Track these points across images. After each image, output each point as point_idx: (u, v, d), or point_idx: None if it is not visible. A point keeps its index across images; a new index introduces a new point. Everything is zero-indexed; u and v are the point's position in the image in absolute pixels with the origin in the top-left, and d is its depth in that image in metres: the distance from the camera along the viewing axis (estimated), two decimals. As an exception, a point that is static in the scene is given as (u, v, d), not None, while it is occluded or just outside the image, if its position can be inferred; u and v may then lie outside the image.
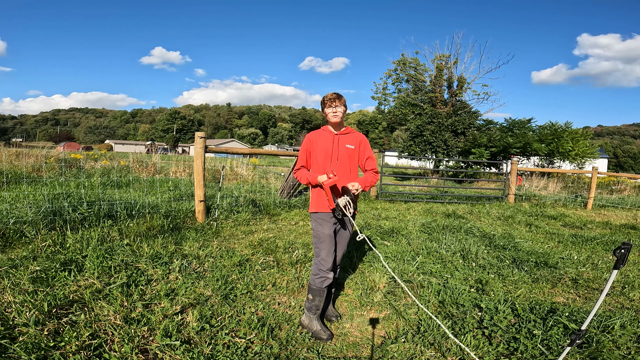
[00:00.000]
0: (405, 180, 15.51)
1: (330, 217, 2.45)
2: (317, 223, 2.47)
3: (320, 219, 2.46)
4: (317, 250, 2.46)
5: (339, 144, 2.49)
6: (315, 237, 2.48)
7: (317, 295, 2.40)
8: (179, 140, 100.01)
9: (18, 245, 3.50)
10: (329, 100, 2.43)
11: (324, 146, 2.48)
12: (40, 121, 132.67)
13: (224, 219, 5.27)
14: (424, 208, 8.03)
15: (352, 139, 2.54)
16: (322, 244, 2.43)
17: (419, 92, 22.88)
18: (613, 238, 5.41)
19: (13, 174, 7.97)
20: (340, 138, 2.50)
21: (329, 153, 2.48)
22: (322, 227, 2.45)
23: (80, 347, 1.95)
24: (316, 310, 2.42)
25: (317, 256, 2.46)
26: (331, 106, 2.43)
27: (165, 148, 52.98)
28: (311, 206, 2.54)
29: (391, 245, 4.40)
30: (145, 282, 2.85)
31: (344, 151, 2.48)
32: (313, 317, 2.42)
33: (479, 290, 3.11)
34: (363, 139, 2.59)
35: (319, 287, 2.40)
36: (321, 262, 2.43)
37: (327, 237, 2.42)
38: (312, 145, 2.52)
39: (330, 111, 2.44)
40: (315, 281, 2.43)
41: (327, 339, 2.35)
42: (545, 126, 19.53)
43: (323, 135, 2.52)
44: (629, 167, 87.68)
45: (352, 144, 2.52)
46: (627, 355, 2.16)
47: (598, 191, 13.85)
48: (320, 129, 2.59)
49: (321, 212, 2.46)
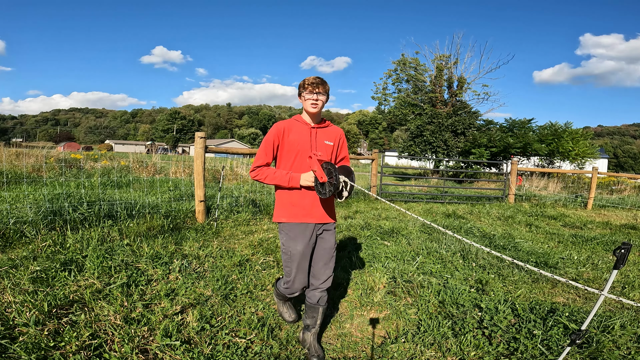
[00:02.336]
0: (405, 180, 15.51)
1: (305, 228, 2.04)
2: (288, 237, 2.03)
3: (292, 231, 2.02)
4: (287, 270, 2.08)
5: (316, 139, 2.08)
6: (285, 253, 2.06)
7: (281, 298, 2.44)
8: (179, 140, 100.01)
9: (18, 245, 3.50)
10: (310, 85, 1.99)
11: (299, 140, 2.04)
12: (40, 121, 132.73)
13: (224, 219, 5.27)
14: (424, 208, 8.03)
15: (330, 134, 2.15)
16: (293, 263, 2.04)
17: (419, 92, 22.86)
18: (613, 238, 5.41)
19: (13, 174, 7.98)
20: (318, 132, 2.09)
21: (306, 148, 2.04)
22: (295, 242, 2.01)
23: (80, 347, 1.95)
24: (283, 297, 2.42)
25: (288, 276, 2.09)
26: (313, 92, 1.99)
27: (165, 148, 52.99)
28: (278, 215, 2.07)
29: (391, 245, 4.40)
30: (146, 282, 2.85)
31: (322, 148, 2.09)
32: (280, 301, 2.48)
33: (479, 290, 3.11)
34: (342, 134, 2.23)
35: (283, 294, 2.30)
36: (293, 284, 2.09)
37: (300, 255, 2.02)
38: (283, 138, 2.04)
39: (310, 98, 2.00)
40: (281, 289, 2.24)
41: (292, 321, 2.42)
42: (546, 126, 19.52)
43: (297, 127, 2.07)
44: (629, 167, 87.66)
45: (331, 140, 2.14)
46: (627, 355, 2.16)
47: (598, 191, 13.85)
48: (291, 118, 2.13)
49: (294, 223, 2.02)
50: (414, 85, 23.16)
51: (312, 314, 2.14)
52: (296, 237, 2.03)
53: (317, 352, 2.09)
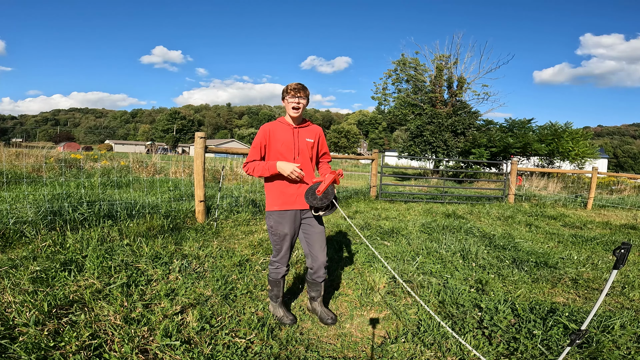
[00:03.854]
0: (405, 180, 15.51)
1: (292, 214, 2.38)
2: (277, 222, 2.38)
3: (281, 217, 2.38)
4: (278, 247, 2.44)
5: (299, 138, 2.38)
6: (274, 235, 2.42)
7: (274, 286, 2.53)
8: (179, 140, 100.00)
9: (18, 245, 3.50)
10: (292, 90, 2.29)
11: (283, 140, 2.34)
12: (40, 121, 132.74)
13: (224, 219, 5.27)
14: (424, 208, 8.03)
15: (310, 132, 2.46)
16: (283, 242, 2.41)
17: (419, 92, 22.86)
18: (613, 238, 5.41)
19: (13, 174, 7.98)
20: (300, 132, 2.40)
21: (290, 147, 2.35)
22: (283, 225, 2.38)
23: (80, 347, 1.95)
24: (276, 299, 2.55)
25: (278, 253, 2.45)
26: (295, 96, 2.29)
27: (165, 148, 53.03)
28: (270, 204, 2.41)
29: (391, 246, 4.40)
30: (145, 282, 2.85)
31: (304, 145, 2.39)
32: (276, 304, 2.57)
33: (479, 290, 3.11)
34: (320, 132, 2.53)
35: (274, 279, 2.51)
36: (281, 258, 2.46)
37: (288, 236, 2.40)
38: (269, 138, 2.35)
39: (293, 101, 2.29)
40: (271, 272, 2.52)
41: (291, 323, 2.48)
42: (545, 126, 19.52)
43: (281, 128, 2.37)
44: (629, 167, 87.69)
45: (311, 137, 2.45)
46: (627, 355, 2.16)
47: (598, 191, 13.85)
48: (276, 120, 2.44)
49: (283, 210, 2.37)
50: (414, 85, 23.16)
51: (316, 288, 2.55)
52: (284, 221, 2.38)
53: (329, 314, 2.56)
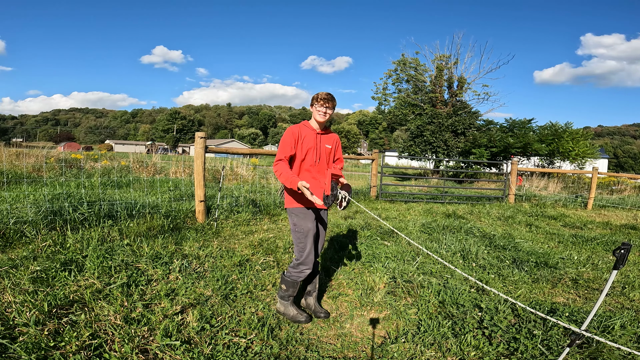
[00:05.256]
0: (405, 180, 15.50)
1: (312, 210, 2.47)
2: (299, 217, 2.47)
3: (302, 213, 2.47)
4: (302, 246, 2.46)
5: (320, 144, 2.53)
6: (298, 232, 2.46)
7: (291, 287, 2.52)
8: (179, 140, 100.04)
9: (18, 245, 3.50)
10: (322, 100, 2.44)
11: (309, 144, 2.48)
12: (41, 121, 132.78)
13: (224, 219, 5.27)
14: (424, 208, 8.03)
15: (330, 139, 2.61)
16: (306, 238, 2.44)
17: (419, 92, 22.85)
18: (613, 238, 5.41)
19: (13, 174, 7.98)
20: (322, 138, 2.55)
21: (312, 152, 2.49)
22: (305, 220, 2.45)
23: (80, 347, 1.95)
24: (289, 298, 2.54)
25: (302, 251, 2.46)
26: (324, 106, 2.44)
27: (165, 148, 53.04)
28: (289, 201, 2.52)
29: (391, 246, 4.40)
30: (146, 282, 2.85)
31: (324, 151, 2.55)
32: (287, 303, 2.55)
33: (479, 290, 3.11)
34: (338, 139, 2.69)
35: (295, 280, 2.50)
36: (307, 257, 2.45)
37: (311, 231, 2.44)
38: (299, 138, 2.48)
39: (321, 110, 2.44)
40: (292, 274, 2.49)
41: (306, 320, 2.49)
42: (546, 126, 19.51)
43: (307, 132, 2.51)
44: (629, 168, 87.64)
45: (330, 144, 2.60)
46: (627, 355, 2.16)
47: (598, 191, 13.85)
48: (301, 123, 2.56)
49: (303, 207, 2.47)
50: (414, 85, 23.15)
51: (312, 281, 2.67)
52: (306, 217, 2.47)
53: (322, 310, 2.64)
